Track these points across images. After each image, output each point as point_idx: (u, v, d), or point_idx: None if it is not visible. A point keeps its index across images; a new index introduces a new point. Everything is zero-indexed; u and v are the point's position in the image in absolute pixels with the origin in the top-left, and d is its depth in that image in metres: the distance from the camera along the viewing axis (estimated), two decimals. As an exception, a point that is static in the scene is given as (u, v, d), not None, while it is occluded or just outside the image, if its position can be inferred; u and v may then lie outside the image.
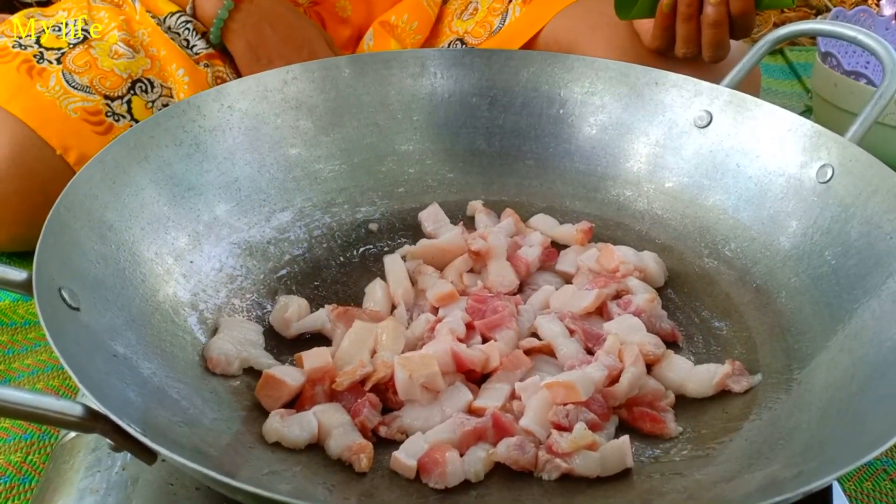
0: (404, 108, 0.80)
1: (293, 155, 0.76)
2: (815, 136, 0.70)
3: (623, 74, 0.79)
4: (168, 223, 0.65)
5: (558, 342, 0.61)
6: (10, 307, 0.84)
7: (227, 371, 0.59)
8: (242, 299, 0.66)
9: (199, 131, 0.71)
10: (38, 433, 0.69)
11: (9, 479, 0.65)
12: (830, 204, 0.67)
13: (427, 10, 1.06)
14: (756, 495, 0.50)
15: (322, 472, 0.53)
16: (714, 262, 0.72)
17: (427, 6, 1.07)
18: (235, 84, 0.74)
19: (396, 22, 1.05)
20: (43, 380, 0.75)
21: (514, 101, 0.82)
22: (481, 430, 0.55)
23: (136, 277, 0.60)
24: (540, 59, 0.82)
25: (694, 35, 0.87)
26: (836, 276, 0.64)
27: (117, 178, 0.63)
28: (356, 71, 0.79)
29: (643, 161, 0.78)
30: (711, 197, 0.74)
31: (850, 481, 0.67)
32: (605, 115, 0.80)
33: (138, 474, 0.54)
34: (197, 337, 0.61)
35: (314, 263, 0.72)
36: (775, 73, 1.43)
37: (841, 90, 1.09)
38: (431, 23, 1.07)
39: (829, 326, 0.62)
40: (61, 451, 0.58)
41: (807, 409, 0.57)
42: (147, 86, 0.90)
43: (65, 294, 0.52)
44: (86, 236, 0.58)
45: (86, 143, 0.85)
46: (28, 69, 0.87)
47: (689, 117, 0.77)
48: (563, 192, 0.80)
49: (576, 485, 0.53)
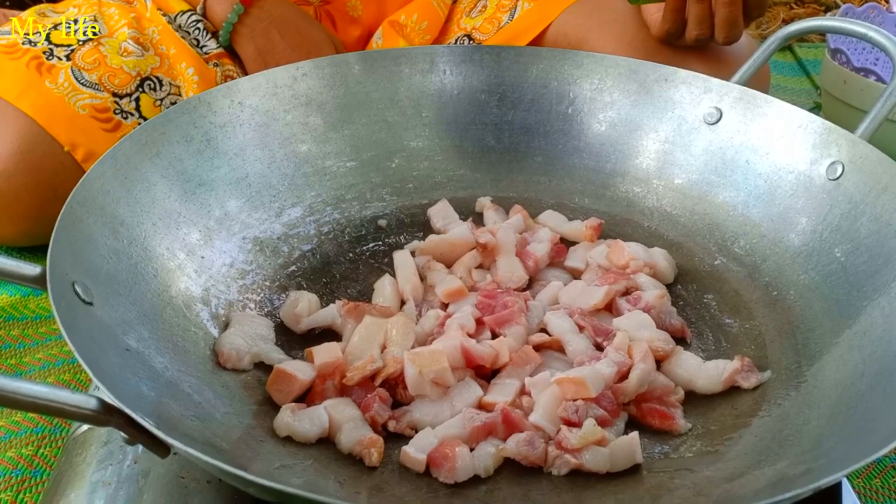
0: (413, 105, 0.80)
1: (303, 151, 0.76)
2: (826, 132, 0.70)
3: (632, 71, 0.79)
4: (179, 219, 0.66)
5: (567, 338, 0.61)
6: (21, 302, 0.84)
7: (238, 366, 0.60)
8: (253, 294, 0.67)
9: (210, 127, 0.71)
10: (49, 427, 0.70)
11: (20, 472, 0.66)
12: (840, 201, 0.67)
13: (437, 10, 1.06)
14: (765, 492, 0.50)
15: (333, 466, 0.53)
16: (723, 259, 0.72)
17: (437, 6, 1.06)
18: (246, 80, 0.74)
19: (406, 21, 1.05)
20: (54, 374, 0.76)
21: (524, 98, 0.82)
22: (491, 425, 0.55)
23: (149, 272, 0.61)
24: (549, 55, 0.82)
25: (706, 15, 0.86)
26: (846, 274, 0.64)
27: (129, 173, 0.63)
28: (366, 67, 0.80)
29: (652, 158, 0.78)
30: (721, 194, 0.74)
31: (859, 478, 0.67)
32: (614, 112, 0.80)
33: (149, 467, 0.55)
34: (209, 331, 0.61)
35: (324, 259, 0.72)
36: (784, 70, 1.43)
37: (850, 87, 1.09)
38: (441, 23, 1.07)
39: (838, 323, 0.62)
40: (73, 444, 0.58)
41: (816, 405, 0.57)
42: (156, 84, 0.90)
43: (78, 289, 0.52)
44: (98, 231, 0.58)
45: (94, 141, 0.86)
46: (38, 66, 0.87)
47: (698, 114, 0.77)
48: (571, 189, 0.80)
49: (585, 480, 0.53)
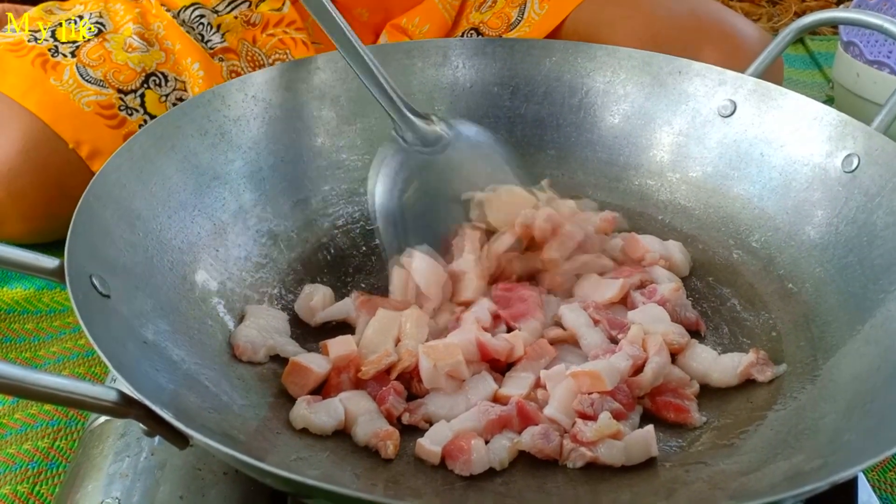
0: (427, 98, 0.80)
1: (317, 145, 0.76)
2: (841, 125, 0.69)
3: (646, 63, 0.79)
4: (195, 212, 0.66)
5: (582, 332, 0.61)
6: (35, 295, 0.85)
7: (253, 358, 0.60)
8: (268, 287, 0.67)
9: (224, 121, 0.71)
10: (65, 420, 0.70)
11: (36, 465, 0.66)
12: (856, 194, 0.67)
13: (442, 13, 1.05)
14: (781, 485, 0.50)
15: (349, 458, 0.54)
16: (738, 252, 0.71)
17: (442, 9, 1.05)
18: (259, 74, 0.74)
19: (407, 25, 1.04)
20: (69, 367, 0.76)
21: (536, 91, 0.82)
22: (506, 418, 0.55)
23: (164, 265, 0.61)
24: (562, 48, 0.81)
25: None
26: (862, 267, 0.64)
27: (144, 167, 0.64)
28: (379, 61, 0.79)
29: (666, 151, 0.78)
30: (735, 186, 0.74)
31: (874, 471, 0.67)
32: (627, 105, 0.80)
33: (166, 459, 0.55)
34: (225, 324, 0.61)
35: (338, 252, 0.72)
36: (796, 63, 1.42)
37: (863, 80, 1.08)
38: (447, 26, 1.06)
39: (854, 317, 0.61)
40: (90, 437, 0.59)
41: (832, 399, 0.57)
42: (161, 79, 0.90)
43: (95, 281, 0.52)
44: (115, 224, 0.58)
45: (99, 137, 0.86)
46: (42, 63, 0.87)
47: (712, 106, 0.76)
48: (584, 182, 0.79)
49: (600, 473, 0.53)
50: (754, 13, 1.57)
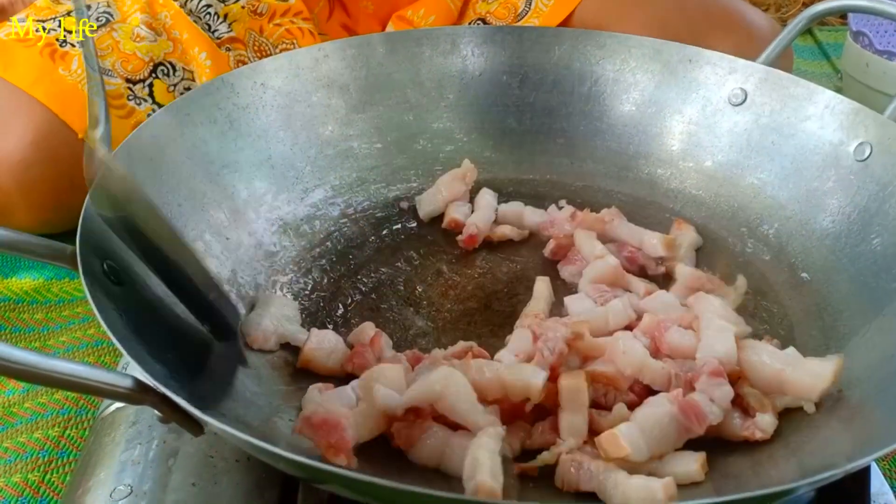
0: (436, 86, 0.80)
1: (326, 133, 0.76)
2: (853, 113, 0.69)
3: (656, 51, 0.79)
4: (205, 200, 0.66)
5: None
6: (44, 285, 0.85)
7: (264, 347, 0.60)
8: (280, 276, 0.67)
9: (233, 109, 0.71)
10: (75, 409, 0.70)
11: (47, 453, 0.66)
12: (868, 182, 0.66)
13: (448, 3, 1.04)
14: (794, 475, 0.50)
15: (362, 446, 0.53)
16: (749, 241, 0.71)
17: (449, 0, 1.05)
18: (269, 61, 0.74)
19: (412, 17, 1.04)
20: (78, 356, 0.76)
21: (546, 79, 0.81)
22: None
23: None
24: (572, 36, 0.81)
25: None
26: (874, 256, 0.63)
27: (154, 155, 0.64)
28: (388, 49, 0.79)
29: (676, 139, 0.78)
30: (746, 175, 0.74)
31: (885, 460, 0.67)
32: (637, 93, 0.79)
33: (178, 447, 0.55)
34: (237, 312, 0.61)
35: (347, 241, 0.72)
36: (804, 54, 1.41)
37: (873, 70, 1.08)
38: (453, 17, 1.06)
39: (866, 306, 0.61)
40: (102, 424, 0.59)
41: (844, 388, 0.56)
42: (169, 69, 0.90)
43: (107, 269, 0.52)
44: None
45: None
46: (51, 53, 0.87)
47: (723, 95, 0.76)
48: (594, 171, 0.79)
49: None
50: (763, 3, 1.56)
